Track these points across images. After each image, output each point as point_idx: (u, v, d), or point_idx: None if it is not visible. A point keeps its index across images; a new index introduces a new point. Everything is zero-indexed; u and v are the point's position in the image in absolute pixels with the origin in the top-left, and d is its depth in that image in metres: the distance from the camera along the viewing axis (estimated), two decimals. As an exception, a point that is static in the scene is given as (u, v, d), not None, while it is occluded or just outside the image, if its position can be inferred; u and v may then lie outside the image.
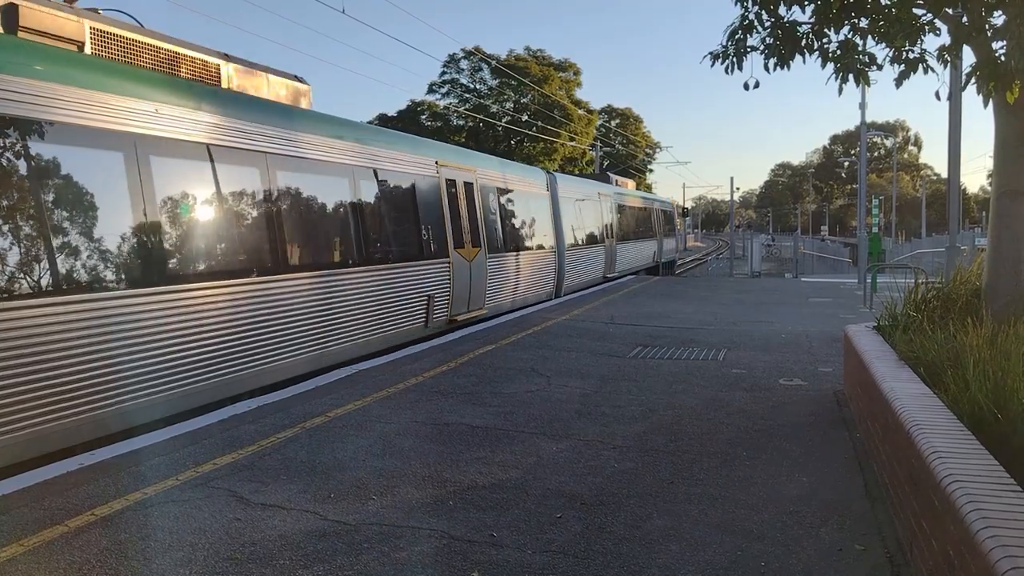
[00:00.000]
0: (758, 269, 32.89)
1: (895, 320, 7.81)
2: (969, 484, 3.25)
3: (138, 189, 7.30)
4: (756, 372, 9.55)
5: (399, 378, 9.28)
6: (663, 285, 24.31)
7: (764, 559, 4.33)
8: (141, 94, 7.55)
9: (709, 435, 6.81)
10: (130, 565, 4.30)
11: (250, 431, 6.94)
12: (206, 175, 8.32)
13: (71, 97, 6.74)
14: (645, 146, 77.26)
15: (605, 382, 9.04)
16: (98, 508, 5.10)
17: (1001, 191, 7.09)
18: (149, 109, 7.60)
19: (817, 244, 61.34)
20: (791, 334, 12.80)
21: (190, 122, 8.12)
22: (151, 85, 7.82)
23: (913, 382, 5.43)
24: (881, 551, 4.41)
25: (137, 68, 8.32)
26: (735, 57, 7.38)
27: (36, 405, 6.16)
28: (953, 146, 13.31)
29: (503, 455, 6.26)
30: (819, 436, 6.75)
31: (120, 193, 7.14)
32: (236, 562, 4.33)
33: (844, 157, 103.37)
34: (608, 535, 4.68)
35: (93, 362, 6.64)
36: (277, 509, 5.11)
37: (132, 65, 8.36)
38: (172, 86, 8.19)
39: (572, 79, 62.17)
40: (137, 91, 7.51)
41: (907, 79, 7.13)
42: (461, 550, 4.47)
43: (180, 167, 7.94)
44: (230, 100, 9.10)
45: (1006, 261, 7.02)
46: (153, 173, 7.51)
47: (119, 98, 7.25)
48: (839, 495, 5.31)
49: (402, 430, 7.00)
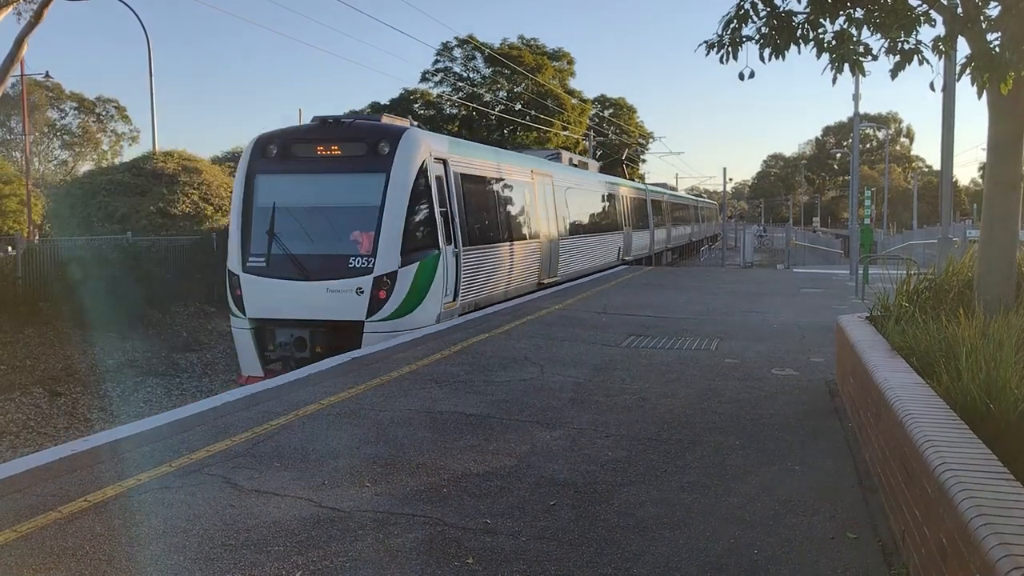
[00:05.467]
0: (750, 260, 32.89)
1: (887, 311, 7.83)
2: (962, 473, 3.27)
3: (534, 197, 18.56)
4: (748, 362, 9.58)
5: (393, 366, 9.28)
6: (656, 275, 24.32)
7: (757, 547, 4.36)
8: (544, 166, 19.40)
9: (702, 424, 6.83)
10: (124, 551, 4.30)
11: (244, 418, 6.93)
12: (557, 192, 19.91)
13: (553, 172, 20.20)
14: (638, 136, 77.17)
15: (598, 371, 9.06)
16: (91, 494, 5.10)
17: (994, 183, 7.11)
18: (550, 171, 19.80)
19: (809, 235, 61.46)
20: (783, 324, 12.84)
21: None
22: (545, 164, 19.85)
23: (906, 372, 5.45)
24: (873, 540, 4.44)
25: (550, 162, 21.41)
26: (730, 47, 7.35)
27: (483, 286, 14.92)
28: (946, 138, 13.34)
29: (497, 443, 6.27)
30: (811, 426, 6.78)
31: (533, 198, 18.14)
32: (230, 548, 4.33)
33: (836, 149, 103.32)
34: (601, 523, 4.70)
35: (516, 266, 16.68)
36: (271, 496, 5.11)
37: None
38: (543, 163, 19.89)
39: (566, 68, 61.96)
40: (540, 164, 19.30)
41: (902, 70, 7.10)
42: (455, 537, 4.48)
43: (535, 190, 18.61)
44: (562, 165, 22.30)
45: (998, 252, 7.05)
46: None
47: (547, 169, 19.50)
48: (831, 484, 5.34)
49: (396, 418, 7.00)
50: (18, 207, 24.31)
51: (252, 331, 12.29)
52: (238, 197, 12.92)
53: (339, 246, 12.32)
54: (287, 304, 12.08)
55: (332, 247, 12.34)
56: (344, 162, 12.82)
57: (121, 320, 17.02)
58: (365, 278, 11.97)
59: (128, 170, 24.84)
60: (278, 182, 12.80)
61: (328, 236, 12.45)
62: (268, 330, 12.32)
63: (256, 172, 12.86)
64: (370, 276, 11.97)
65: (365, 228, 12.30)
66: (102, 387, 14.73)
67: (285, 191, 12.71)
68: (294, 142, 13.08)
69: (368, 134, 12.90)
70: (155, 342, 17.32)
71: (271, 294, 12.16)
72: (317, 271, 12.09)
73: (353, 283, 11.96)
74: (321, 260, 12.20)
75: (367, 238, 12.23)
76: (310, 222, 12.53)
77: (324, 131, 13.02)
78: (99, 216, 22.17)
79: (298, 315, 12.04)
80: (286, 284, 12.11)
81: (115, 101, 60.90)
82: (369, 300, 11.95)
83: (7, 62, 19.80)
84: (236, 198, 13.00)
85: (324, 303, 11.96)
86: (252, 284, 12.26)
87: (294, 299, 12.05)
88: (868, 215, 28.98)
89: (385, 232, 12.12)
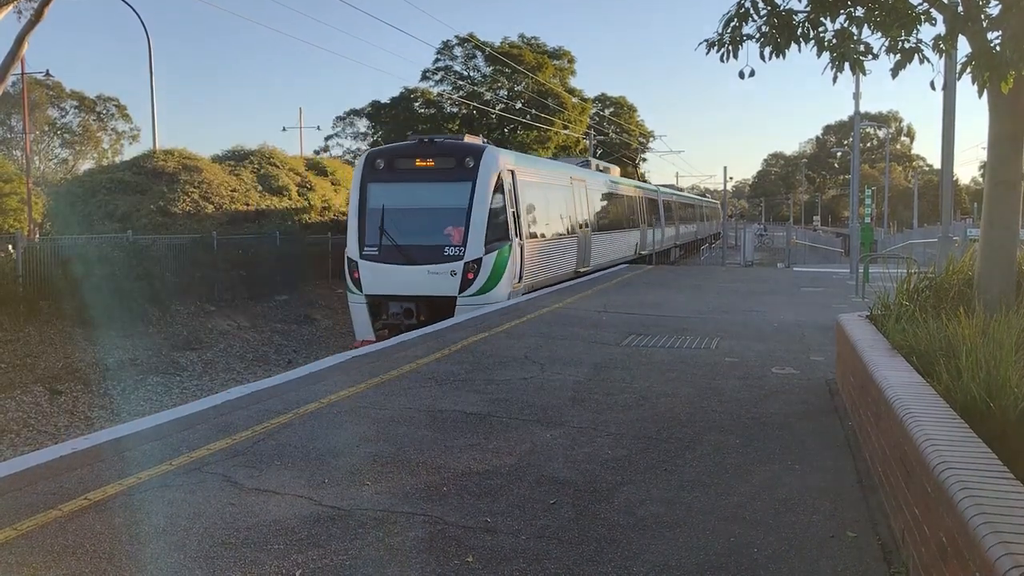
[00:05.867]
0: (751, 259, 32.87)
1: (888, 309, 7.82)
2: (962, 471, 3.26)
3: (572, 200, 22.08)
4: (749, 361, 9.58)
5: (393, 365, 9.28)
6: (656, 274, 24.33)
7: (757, 545, 4.36)
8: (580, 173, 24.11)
9: (702, 423, 6.83)
10: (124, 549, 4.30)
11: (244, 417, 6.93)
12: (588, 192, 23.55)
13: (583, 175, 24.33)
14: (639, 135, 77.12)
15: (598, 370, 9.06)
16: (92, 492, 5.10)
17: (994, 182, 7.10)
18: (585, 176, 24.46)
19: (810, 234, 61.45)
20: (783, 323, 12.84)
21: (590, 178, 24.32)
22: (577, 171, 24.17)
23: (906, 371, 5.45)
24: (873, 538, 4.44)
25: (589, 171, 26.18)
26: (731, 45, 7.34)
27: (560, 265, 19.94)
28: (946, 137, 13.32)
29: (497, 442, 6.27)
30: (811, 424, 6.78)
31: (572, 200, 22.00)
32: (230, 546, 4.33)
33: (837, 147, 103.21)
34: (602, 521, 4.70)
35: (562, 257, 20.20)
36: (271, 494, 5.11)
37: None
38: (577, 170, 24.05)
39: (566, 67, 61.92)
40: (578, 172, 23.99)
41: (903, 69, 7.09)
42: (455, 536, 4.48)
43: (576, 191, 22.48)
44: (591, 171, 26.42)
45: (999, 251, 7.04)
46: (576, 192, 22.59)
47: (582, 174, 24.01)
48: (831, 483, 5.34)
49: (396, 416, 7.00)
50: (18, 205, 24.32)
51: (367, 304, 15.58)
52: (354, 200, 16.26)
53: (436, 238, 15.70)
54: (396, 283, 15.42)
55: (431, 239, 15.69)
56: (438, 173, 16.22)
57: (121, 318, 17.01)
58: (457, 263, 15.43)
59: (128, 169, 24.83)
60: (386, 188, 16.11)
61: (427, 231, 15.79)
62: (380, 304, 15.65)
63: (368, 181, 16.22)
64: (461, 261, 15.44)
65: (456, 224, 15.72)
66: (102, 385, 14.73)
67: (391, 195, 16.03)
68: (397, 157, 16.59)
69: (456, 151, 16.44)
70: (155, 340, 17.32)
71: (383, 276, 15.50)
72: (420, 258, 15.47)
73: (448, 267, 15.41)
74: (422, 249, 15.58)
75: (458, 232, 15.66)
76: (412, 220, 15.89)
77: (420, 148, 16.60)
78: (99, 215, 22.17)
79: (406, 292, 15.41)
80: (395, 268, 15.46)
81: (115, 99, 60.86)
82: (460, 280, 15.41)
83: (8, 60, 19.79)
84: (352, 201, 16.36)
85: (426, 282, 15.35)
86: (368, 268, 15.60)
87: (402, 279, 15.40)
88: (869, 214, 28.96)
89: (472, 227, 15.57)
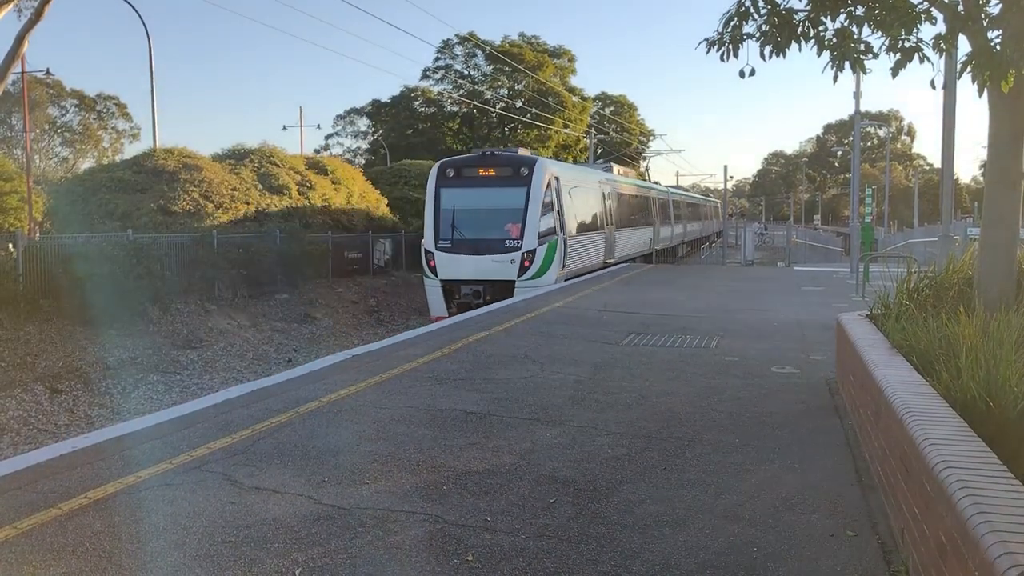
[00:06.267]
0: (751, 258, 32.89)
1: (888, 309, 7.82)
2: (962, 471, 3.26)
3: (601, 201, 25.47)
4: (749, 360, 9.58)
5: (392, 364, 9.28)
6: (657, 273, 24.34)
7: (756, 544, 4.36)
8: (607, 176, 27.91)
9: (702, 422, 6.83)
10: (124, 548, 4.30)
11: (243, 415, 6.94)
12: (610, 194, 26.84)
13: (608, 179, 27.74)
14: (639, 133, 77.09)
15: (598, 369, 9.06)
16: (92, 491, 5.10)
17: (995, 181, 7.10)
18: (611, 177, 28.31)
19: (810, 233, 61.47)
20: (784, 322, 12.84)
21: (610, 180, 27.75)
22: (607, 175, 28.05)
23: (905, 370, 5.45)
24: (872, 537, 4.44)
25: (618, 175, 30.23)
26: (731, 44, 7.33)
27: (592, 256, 23.44)
28: (947, 136, 13.32)
29: (497, 441, 6.27)
30: (811, 423, 6.78)
31: (600, 201, 25.32)
32: (230, 545, 4.34)
33: (837, 146, 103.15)
34: (601, 520, 4.70)
35: (593, 249, 23.77)
36: (271, 493, 5.11)
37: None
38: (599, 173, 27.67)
39: (567, 66, 61.95)
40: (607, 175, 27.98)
41: (903, 68, 7.08)
42: (455, 534, 4.49)
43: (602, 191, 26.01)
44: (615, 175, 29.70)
45: (999, 250, 7.03)
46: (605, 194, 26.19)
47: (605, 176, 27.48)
48: (831, 482, 5.34)
49: (396, 415, 7.00)
50: (19, 204, 24.29)
51: (441, 288, 19.33)
52: (430, 203, 20.04)
53: (498, 233, 19.46)
54: (466, 270, 19.18)
55: (493, 234, 19.46)
56: (498, 179, 20.10)
57: (122, 317, 17.02)
58: (516, 253, 19.21)
59: (129, 167, 24.82)
60: (456, 192, 19.91)
61: (490, 227, 19.57)
62: (452, 287, 19.34)
63: (441, 186, 20.03)
64: (519, 252, 19.21)
65: (514, 222, 19.41)
66: (103, 384, 14.74)
67: (461, 198, 19.82)
68: (464, 166, 20.45)
69: (513, 161, 20.43)
70: (156, 339, 17.33)
71: (455, 264, 19.27)
72: (485, 249, 19.28)
73: (508, 256, 19.19)
74: (487, 242, 19.36)
75: (516, 228, 19.37)
76: (478, 218, 19.75)
77: (484, 159, 20.58)
78: (100, 213, 22.15)
79: (474, 277, 19.15)
80: (465, 257, 19.27)
81: (115, 98, 60.79)
82: (518, 267, 19.15)
83: (8, 59, 19.79)
84: (428, 203, 20.12)
85: (490, 269, 19.13)
86: (442, 258, 19.38)
87: (470, 267, 19.18)
88: (869, 213, 28.90)
89: (528, 224, 19.29)
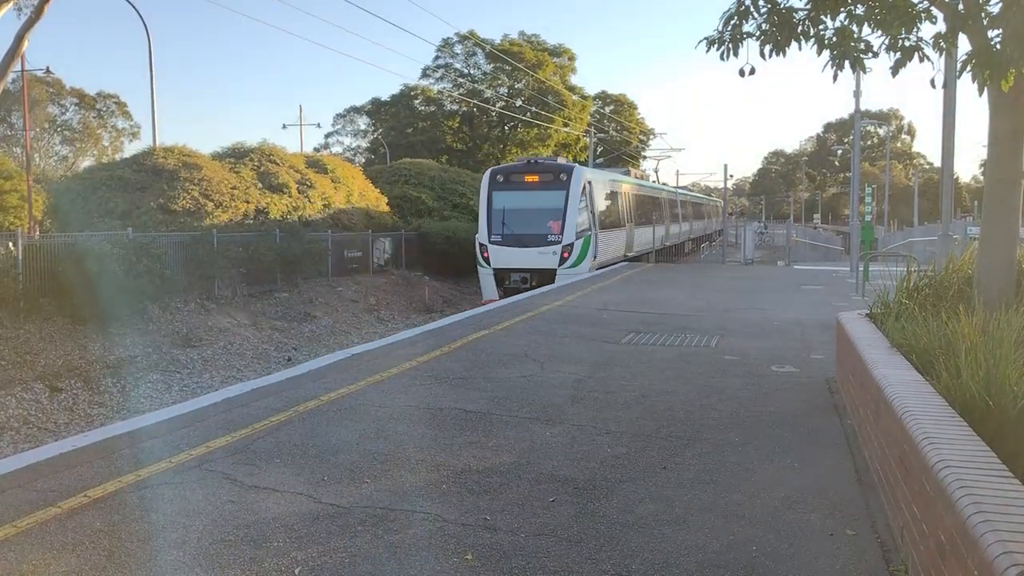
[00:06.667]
0: (751, 257, 32.89)
1: (887, 308, 7.82)
2: (961, 470, 3.26)
3: (622, 201, 29.70)
4: (749, 359, 9.58)
5: (392, 363, 9.28)
6: (657, 272, 24.36)
7: (755, 543, 4.36)
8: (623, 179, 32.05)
9: (701, 421, 6.83)
10: (124, 547, 4.30)
11: (243, 414, 6.94)
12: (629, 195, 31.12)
13: (627, 182, 32.15)
14: (639, 132, 77.07)
15: (598, 368, 9.06)
16: (91, 490, 5.10)
17: (994, 180, 7.09)
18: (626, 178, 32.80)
19: (810, 232, 61.49)
20: (784, 321, 12.84)
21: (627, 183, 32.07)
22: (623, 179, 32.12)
23: (905, 369, 5.45)
24: (872, 536, 4.44)
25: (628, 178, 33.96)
26: (731, 43, 7.33)
27: (616, 250, 27.37)
28: (947, 135, 13.31)
29: (497, 439, 6.27)
30: (810, 422, 6.78)
31: (622, 202, 29.62)
32: (230, 544, 4.34)
33: (837, 145, 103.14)
34: (601, 519, 4.70)
35: (617, 243, 27.75)
36: (271, 492, 5.11)
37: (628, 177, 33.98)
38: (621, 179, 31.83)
39: (566, 65, 61.88)
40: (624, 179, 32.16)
41: (903, 67, 7.07)
42: (455, 533, 4.49)
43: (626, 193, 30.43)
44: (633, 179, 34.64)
45: (998, 250, 7.03)
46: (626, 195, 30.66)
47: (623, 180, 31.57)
48: (830, 481, 5.34)
49: (395, 414, 7.00)
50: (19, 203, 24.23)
51: (493, 275, 23.01)
52: (483, 204, 23.80)
53: (542, 229, 23.07)
54: (514, 260, 22.85)
55: (538, 229, 23.09)
56: (542, 184, 23.68)
57: (121, 316, 17.01)
58: (557, 246, 22.79)
59: (128, 166, 24.78)
60: (506, 195, 23.68)
61: (535, 224, 23.19)
62: (503, 274, 22.97)
63: (492, 190, 23.73)
64: (560, 244, 22.79)
65: (555, 219, 23.04)
66: (103, 382, 14.73)
67: (510, 199, 23.59)
68: (512, 173, 24.35)
69: (554, 168, 24.16)
70: (155, 338, 17.32)
71: (505, 255, 22.97)
72: (531, 242, 22.88)
73: (551, 248, 22.79)
74: (533, 236, 22.96)
75: (557, 225, 23.01)
76: (525, 216, 23.31)
77: (529, 167, 24.43)
78: (99, 212, 22.11)
79: (521, 266, 22.76)
80: (514, 250, 22.91)
81: (115, 97, 60.71)
82: (559, 258, 22.68)
83: (8, 58, 19.76)
84: (482, 204, 23.91)
85: (535, 259, 22.73)
86: (495, 250, 23.11)
87: (519, 257, 22.84)
88: (869, 212, 28.87)
89: (567, 221, 22.92)
